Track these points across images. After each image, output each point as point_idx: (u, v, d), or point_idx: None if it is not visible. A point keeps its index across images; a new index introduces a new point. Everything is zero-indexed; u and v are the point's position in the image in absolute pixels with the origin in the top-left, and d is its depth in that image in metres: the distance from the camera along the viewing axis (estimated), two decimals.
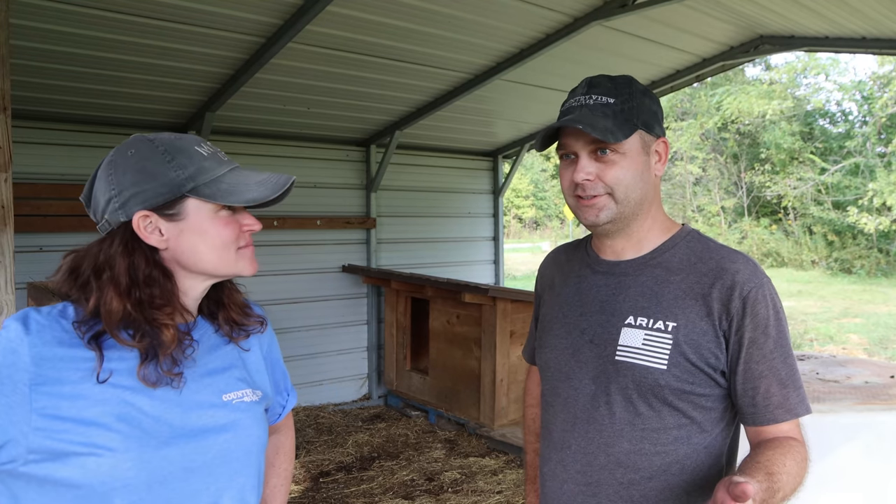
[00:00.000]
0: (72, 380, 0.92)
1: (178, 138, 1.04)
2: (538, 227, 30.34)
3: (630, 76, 1.24)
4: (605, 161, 1.18)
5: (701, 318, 1.15)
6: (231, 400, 1.06)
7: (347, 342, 5.99)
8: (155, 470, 0.94)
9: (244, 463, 1.05)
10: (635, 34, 4.62)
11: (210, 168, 1.02)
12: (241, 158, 5.26)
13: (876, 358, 7.98)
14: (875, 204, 16.06)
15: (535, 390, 1.60)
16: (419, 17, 3.91)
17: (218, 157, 1.05)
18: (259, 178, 1.05)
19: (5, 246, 2.01)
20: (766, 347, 1.13)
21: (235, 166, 1.07)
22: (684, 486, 1.18)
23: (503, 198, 7.22)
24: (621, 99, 1.19)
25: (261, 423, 1.10)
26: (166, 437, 0.96)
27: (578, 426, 1.24)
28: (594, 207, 1.20)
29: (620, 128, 1.17)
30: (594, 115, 1.17)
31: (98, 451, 0.90)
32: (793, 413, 1.13)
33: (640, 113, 1.20)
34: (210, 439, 1.01)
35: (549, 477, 1.31)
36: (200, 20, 3.53)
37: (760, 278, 1.16)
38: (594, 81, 1.22)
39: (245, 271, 1.07)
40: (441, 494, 4.03)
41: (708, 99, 19.48)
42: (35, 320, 0.94)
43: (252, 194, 1.01)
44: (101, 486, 0.91)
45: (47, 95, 4.14)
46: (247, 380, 1.11)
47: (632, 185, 1.19)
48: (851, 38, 4.72)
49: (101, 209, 1.01)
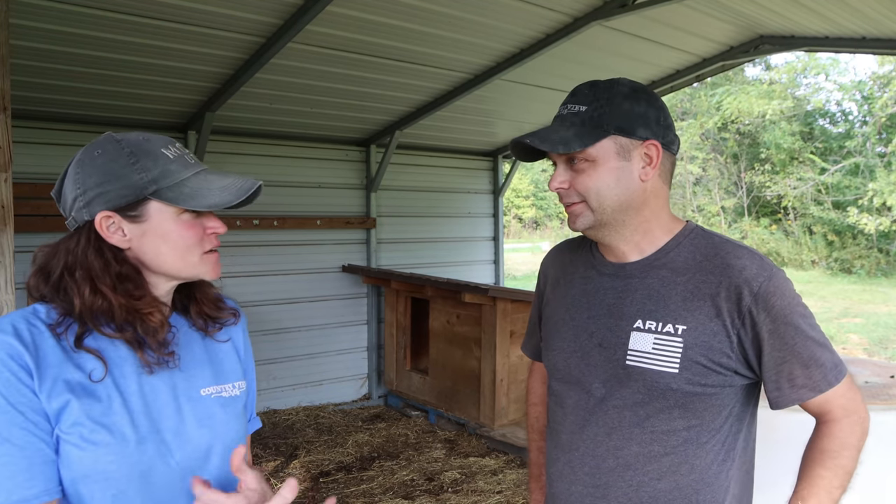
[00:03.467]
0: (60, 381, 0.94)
1: (146, 140, 1.04)
2: (538, 227, 30.33)
3: (617, 79, 1.22)
4: (576, 169, 1.19)
5: (710, 318, 1.15)
6: (210, 394, 1.07)
7: (347, 342, 5.99)
8: (135, 464, 0.96)
9: (223, 458, 1.07)
10: (635, 34, 4.62)
11: (174, 171, 1.02)
12: (240, 158, 5.27)
13: (876, 358, 7.98)
14: (875, 204, 16.05)
15: (539, 388, 1.60)
16: (419, 17, 3.90)
17: (184, 160, 1.05)
18: (223, 182, 1.05)
19: (5, 246, 2.01)
20: (786, 335, 1.13)
21: (202, 169, 1.06)
22: (693, 486, 1.18)
23: (503, 198, 7.22)
24: (594, 106, 1.18)
25: (239, 417, 1.11)
26: (146, 432, 0.98)
27: (587, 429, 1.24)
28: (572, 215, 1.23)
29: (581, 136, 1.16)
30: (563, 125, 1.19)
31: (82, 445, 0.93)
32: (817, 391, 1.14)
33: (615, 117, 1.17)
34: (189, 434, 1.02)
35: (556, 478, 1.31)
36: (200, 20, 3.53)
37: (769, 270, 1.15)
38: (576, 90, 1.23)
39: (207, 275, 1.07)
40: (441, 494, 4.03)
41: (708, 99, 19.48)
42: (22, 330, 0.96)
43: (214, 199, 1.01)
44: (84, 479, 0.94)
45: (47, 95, 4.14)
46: (224, 375, 1.12)
47: (604, 193, 1.18)
48: (851, 38, 4.72)
49: (68, 206, 1.03)
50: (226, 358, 1.15)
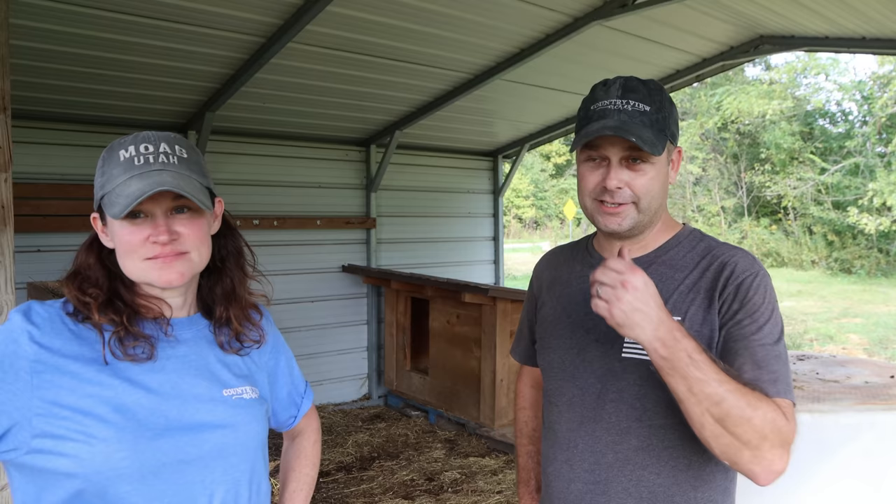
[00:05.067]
0: (71, 370, 0.95)
1: (121, 143, 1.03)
2: (538, 227, 30.33)
3: (657, 81, 1.23)
4: (636, 170, 1.18)
5: (704, 310, 1.17)
6: (231, 395, 1.07)
7: (347, 342, 5.99)
8: (148, 460, 0.96)
9: (241, 458, 1.06)
10: (635, 34, 4.62)
11: (115, 176, 1.01)
12: (240, 158, 5.27)
13: (876, 358, 7.98)
14: (875, 204, 16.06)
15: (527, 392, 1.60)
16: (419, 17, 3.90)
17: (129, 163, 1.00)
18: (137, 185, 0.98)
19: (5, 246, 2.01)
20: (747, 329, 1.12)
21: (137, 174, 0.99)
22: (691, 482, 1.19)
23: (503, 198, 7.22)
24: (655, 108, 1.18)
25: (260, 419, 1.11)
26: (161, 429, 0.97)
27: (585, 425, 1.24)
28: (618, 216, 1.20)
29: (658, 138, 1.16)
30: (633, 122, 1.16)
31: (91, 441, 0.93)
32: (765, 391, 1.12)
33: (670, 124, 1.20)
34: (207, 433, 1.02)
35: (554, 477, 1.31)
36: (200, 20, 3.53)
37: (757, 269, 1.17)
38: (629, 85, 1.19)
39: (155, 281, 1.02)
40: (441, 494, 4.03)
41: (708, 99, 19.49)
42: (37, 311, 0.99)
43: (116, 209, 0.98)
44: (96, 475, 0.93)
45: (47, 95, 4.14)
46: (248, 377, 1.12)
47: (657, 196, 1.20)
48: (851, 38, 4.72)
49: None
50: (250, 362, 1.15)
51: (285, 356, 1.27)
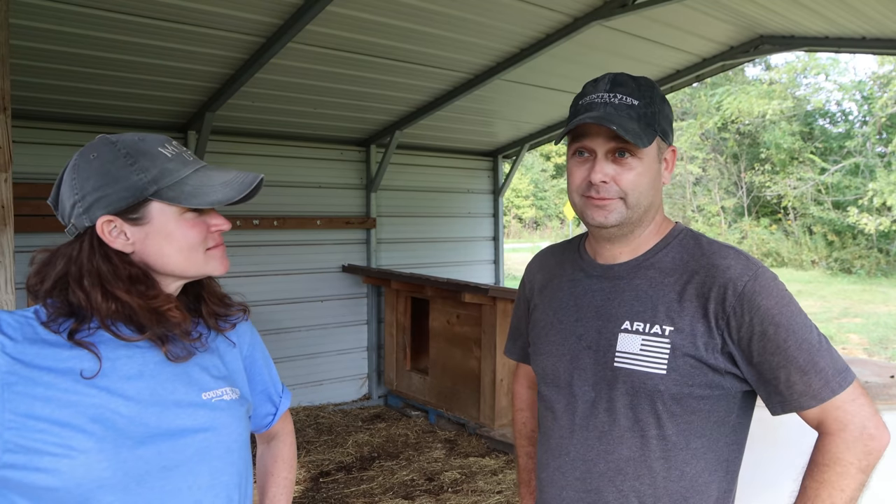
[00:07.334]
0: (45, 380, 0.91)
1: (142, 139, 1.02)
2: (538, 227, 30.33)
3: (649, 78, 1.22)
4: (623, 164, 1.16)
5: (697, 319, 1.13)
6: (210, 398, 1.05)
7: (347, 342, 5.99)
8: (131, 470, 0.94)
9: (226, 461, 1.05)
10: (635, 34, 4.62)
11: (174, 169, 1.00)
12: (240, 158, 5.26)
13: (876, 358, 7.98)
14: (875, 204, 16.06)
15: (524, 393, 1.58)
16: (419, 17, 3.90)
17: (183, 158, 1.03)
18: (225, 177, 1.03)
19: (5, 246, 2.01)
20: (777, 338, 1.09)
21: (202, 166, 1.05)
22: (683, 493, 1.17)
23: (503, 198, 7.22)
24: (644, 102, 1.16)
25: (241, 420, 1.09)
26: (142, 437, 0.95)
27: (577, 433, 1.22)
28: (604, 209, 1.17)
29: (645, 132, 1.15)
30: (619, 114, 1.14)
31: (71, 454, 0.90)
32: (818, 399, 1.09)
33: (660, 119, 1.18)
34: (188, 438, 1.00)
35: (547, 483, 1.29)
36: (200, 20, 3.53)
37: (754, 269, 1.13)
38: (618, 80, 1.18)
39: (216, 271, 1.06)
40: (441, 494, 4.03)
41: (708, 99, 19.49)
42: (7, 322, 0.94)
43: (216, 195, 1.00)
44: (78, 487, 0.91)
45: (47, 95, 4.14)
46: (227, 378, 1.11)
47: (644, 192, 1.18)
48: (851, 38, 4.72)
49: (66, 213, 1.00)
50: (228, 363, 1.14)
51: (262, 353, 1.27)
